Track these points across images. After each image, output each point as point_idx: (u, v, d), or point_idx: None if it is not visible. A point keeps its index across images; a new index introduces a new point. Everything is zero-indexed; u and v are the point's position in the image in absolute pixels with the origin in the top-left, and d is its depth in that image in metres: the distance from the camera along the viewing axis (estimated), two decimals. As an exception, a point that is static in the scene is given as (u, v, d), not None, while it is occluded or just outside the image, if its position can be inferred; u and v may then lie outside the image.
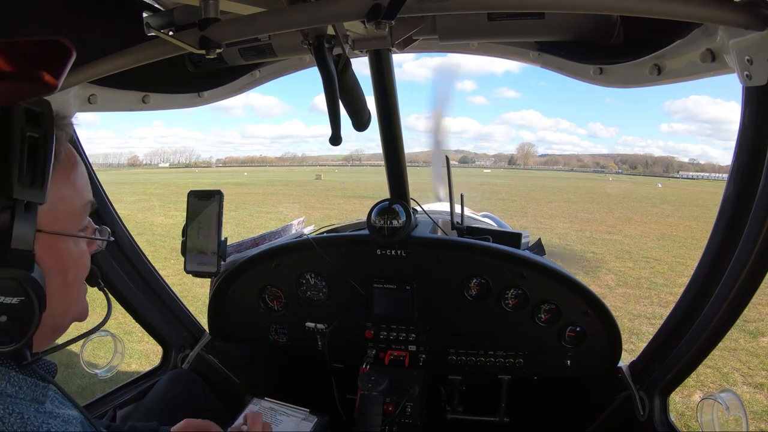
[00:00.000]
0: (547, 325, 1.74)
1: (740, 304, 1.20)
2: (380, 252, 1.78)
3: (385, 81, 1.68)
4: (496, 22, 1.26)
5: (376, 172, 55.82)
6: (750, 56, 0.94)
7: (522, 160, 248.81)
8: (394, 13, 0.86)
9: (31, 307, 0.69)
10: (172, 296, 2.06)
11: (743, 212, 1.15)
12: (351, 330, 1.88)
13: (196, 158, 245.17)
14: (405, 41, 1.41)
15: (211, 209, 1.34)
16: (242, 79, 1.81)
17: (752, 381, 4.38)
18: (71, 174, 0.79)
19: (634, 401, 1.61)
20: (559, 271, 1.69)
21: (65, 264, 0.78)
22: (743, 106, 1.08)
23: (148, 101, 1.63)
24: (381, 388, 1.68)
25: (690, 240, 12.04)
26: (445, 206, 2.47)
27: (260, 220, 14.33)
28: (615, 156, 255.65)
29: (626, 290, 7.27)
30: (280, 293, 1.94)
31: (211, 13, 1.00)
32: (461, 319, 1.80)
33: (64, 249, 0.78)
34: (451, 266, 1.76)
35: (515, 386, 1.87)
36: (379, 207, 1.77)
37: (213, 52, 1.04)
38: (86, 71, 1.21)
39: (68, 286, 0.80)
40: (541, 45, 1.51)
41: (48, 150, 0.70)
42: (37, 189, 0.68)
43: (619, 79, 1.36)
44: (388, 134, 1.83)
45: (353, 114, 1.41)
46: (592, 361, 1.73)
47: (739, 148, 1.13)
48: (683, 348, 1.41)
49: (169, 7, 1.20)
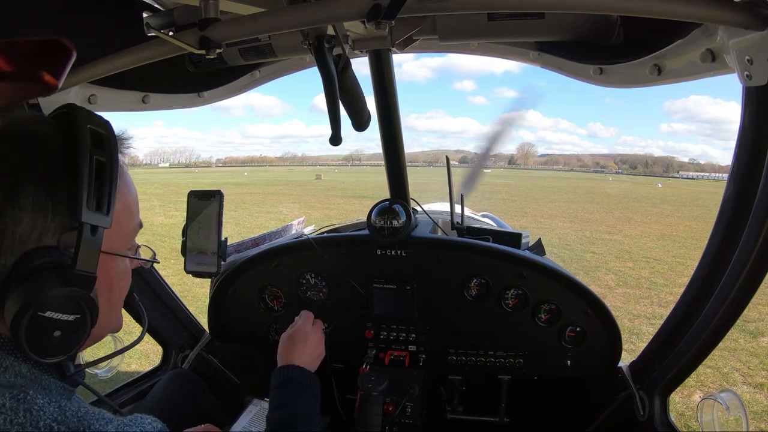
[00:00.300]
0: (547, 325, 1.74)
1: (740, 304, 1.19)
2: (380, 252, 1.78)
3: (385, 81, 1.68)
4: (496, 22, 1.26)
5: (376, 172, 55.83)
6: (750, 56, 0.94)
7: (522, 160, 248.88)
8: (394, 13, 0.86)
9: (84, 324, 0.72)
10: (172, 296, 2.06)
11: (743, 212, 1.15)
12: (351, 330, 1.88)
13: (196, 158, 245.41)
14: (405, 41, 1.41)
15: (211, 209, 1.34)
16: (242, 79, 1.81)
17: (752, 381, 4.38)
18: (126, 197, 0.81)
19: (634, 401, 1.61)
20: (559, 271, 1.69)
21: (112, 282, 0.81)
22: (743, 107, 1.08)
23: (148, 101, 1.62)
24: (381, 388, 1.68)
25: (690, 240, 12.05)
26: (445, 206, 2.47)
27: (260, 220, 14.33)
28: (615, 156, 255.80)
29: (626, 290, 7.27)
30: (280, 293, 1.94)
31: (211, 13, 1.00)
32: (461, 319, 1.80)
33: (113, 267, 0.81)
34: (451, 266, 1.76)
35: (515, 386, 1.87)
36: (379, 207, 1.77)
37: (213, 52, 1.04)
38: (86, 71, 1.21)
39: (113, 302, 0.83)
40: (541, 45, 1.50)
41: (114, 174, 0.72)
42: (103, 213, 0.71)
43: (619, 79, 1.36)
44: (388, 134, 1.83)
45: (353, 114, 1.41)
46: (592, 361, 1.73)
47: (739, 148, 1.13)
48: (683, 348, 1.40)
49: (169, 7, 1.20)
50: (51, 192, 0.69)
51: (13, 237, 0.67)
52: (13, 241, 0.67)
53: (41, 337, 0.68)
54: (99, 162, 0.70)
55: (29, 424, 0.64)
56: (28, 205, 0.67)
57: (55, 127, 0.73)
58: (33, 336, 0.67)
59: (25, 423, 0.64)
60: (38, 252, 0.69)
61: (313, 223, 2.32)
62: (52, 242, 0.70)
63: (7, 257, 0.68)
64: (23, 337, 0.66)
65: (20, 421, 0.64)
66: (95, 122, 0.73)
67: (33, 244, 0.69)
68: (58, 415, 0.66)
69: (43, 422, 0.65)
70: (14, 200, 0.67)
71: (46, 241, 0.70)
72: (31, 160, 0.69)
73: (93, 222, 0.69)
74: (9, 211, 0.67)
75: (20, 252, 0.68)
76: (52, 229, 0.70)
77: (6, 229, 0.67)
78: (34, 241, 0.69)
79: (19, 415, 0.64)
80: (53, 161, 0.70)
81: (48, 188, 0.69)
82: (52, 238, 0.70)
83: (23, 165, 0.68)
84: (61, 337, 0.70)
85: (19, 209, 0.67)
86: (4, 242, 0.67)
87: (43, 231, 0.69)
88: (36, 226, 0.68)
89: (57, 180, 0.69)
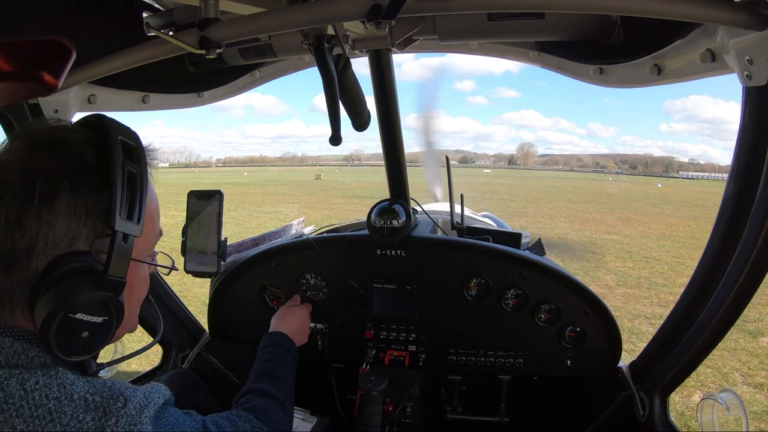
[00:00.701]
0: (547, 325, 1.74)
1: (740, 304, 1.19)
2: (380, 252, 1.78)
3: (385, 81, 1.68)
4: (496, 22, 1.26)
5: (376, 172, 55.85)
6: (750, 56, 0.94)
7: (522, 160, 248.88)
8: (394, 13, 0.86)
9: (110, 325, 0.75)
10: (172, 296, 2.06)
11: (743, 212, 1.15)
12: (351, 330, 1.88)
13: (196, 158, 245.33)
14: (405, 41, 1.41)
15: (211, 209, 1.34)
16: (242, 79, 1.81)
17: (752, 381, 4.38)
18: (150, 206, 0.84)
19: (634, 401, 1.61)
20: (559, 271, 1.69)
21: (134, 286, 0.85)
22: (743, 107, 1.08)
23: (148, 101, 1.62)
24: (381, 388, 1.68)
25: (690, 240, 12.05)
26: (445, 206, 2.47)
27: (260, 220, 14.34)
28: (615, 156, 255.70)
29: (626, 290, 7.27)
30: (280, 293, 1.94)
31: (211, 13, 1.00)
32: (461, 319, 1.80)
33: (135, 273, 0.84)
34: (451, 266, 1.76)
35: (515, 386, 1.87)
36: (379, 207, 1.77)
37: (213, 52, 1.04)
38: (86, 71, 1.21)
39: (132, 304, 0.86)
40: (541, 45, 1.50)
41: (144, 185, 0.77)
42: (134, 222, 0.75)
43: (619, 79, 1.36)
44: (388, 134, 1.83)
45: (353, 114, 1.41)
46: (592, 361, 1.73)
47: (739, 148, 1.13)
48: (683, 348, 1.40)
49: (169, 7, 1.20)
50: (85, 199, 0.72)
51: (47, 241, 0.70)
52: (46, 244, 0.70)
53: (70, 337, 0.71)
54: (131, 173, 0.74)
55: (64, 398, 0.68)
56: (62, 210, 0.70)
57: (88, 136, 0.77)
58: (62, 336, 0.70)
59: (60, 397, 0.67)
60: (70, 256, 0.71)
61: (313, 223, 2.32)
62: (84, 247, 0.73)
63: (39, 260, 0.70)
64: (53, 336, 0.69)
65: (55, 395, 0.67)
66: (126, 134, 0.77)
67: (65, 248, 0.71)
68: (89, 387, 0.71)
69: (77, 394, 0.69)
70: (50, 205, 0.69)
71: (78, 246, 0.72)
72: (67, 167, 0.72)
73: (125, 230, 0.73)
74: (44, 216, 0.69)
75: (53, 255, 0.71)
76: (84, 234, 0.73)
77: (40, 232, 0.69)
78: (66, 246, 0.71)
79: (53, 390, 0.67)
80: (87, 170, 0.73)
81: (82, 195, 0.72)
82: (84, 243, 0.73)
83: (60, 172, 0.71)
84: (89, 338, 0.73)
85: (54, 214, 0.70)
86: (37, 245, 0.70)
87: (75, 236, 0.72)
88: (69, 231, 0.71)
89: (90, 188, 0.73)
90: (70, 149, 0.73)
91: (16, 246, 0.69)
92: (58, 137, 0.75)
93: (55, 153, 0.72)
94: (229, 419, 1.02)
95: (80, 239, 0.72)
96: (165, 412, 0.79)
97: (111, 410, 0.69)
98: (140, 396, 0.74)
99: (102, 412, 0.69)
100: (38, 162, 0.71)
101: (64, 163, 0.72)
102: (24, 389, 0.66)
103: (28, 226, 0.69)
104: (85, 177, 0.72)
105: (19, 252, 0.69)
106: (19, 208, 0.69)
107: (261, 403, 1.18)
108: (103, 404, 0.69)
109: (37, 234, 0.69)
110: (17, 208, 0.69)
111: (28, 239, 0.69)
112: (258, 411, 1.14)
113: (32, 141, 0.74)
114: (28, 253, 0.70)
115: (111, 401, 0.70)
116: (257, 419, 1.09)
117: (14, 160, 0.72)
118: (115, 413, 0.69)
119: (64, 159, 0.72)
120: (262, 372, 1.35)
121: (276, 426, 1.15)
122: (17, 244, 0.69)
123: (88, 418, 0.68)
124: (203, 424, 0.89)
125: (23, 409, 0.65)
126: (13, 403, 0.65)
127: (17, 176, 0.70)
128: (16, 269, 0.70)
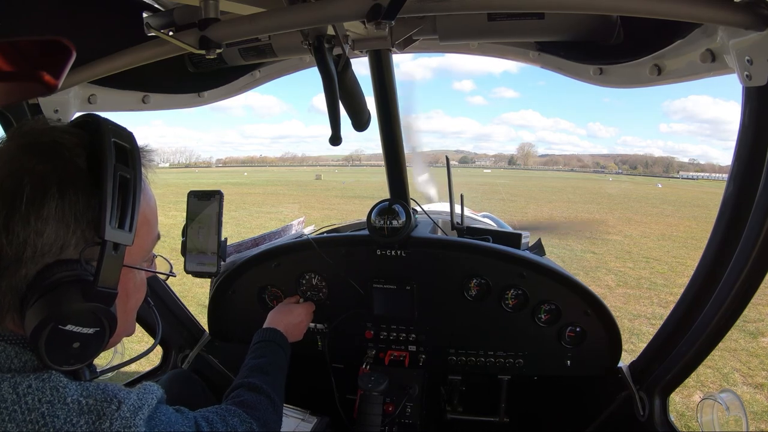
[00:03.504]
0: (547, 326, 1.74)
1: (740, 304, 1.19)
2: (380, 252, 1.78)
3: (385, 81, 1.68)
4: (496, 23, 1.26)
5: (376, 172, 55.81)
6: (750, 56, 0.94)
7: (522, 161, 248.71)
8: (394, 13, 0.87)
9: (103, 336, 0.73)
10: (171, 296, 2.06)
11: (743, 212, 1.15)
12: (351, 330, 1.88)
13: (196, 158, 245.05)
14: (405, 41, 1.42)
15: (211, 209, 1.34)
16: (242, 79, 1.81)
17: (752, 381, 4.38)
18: (146, 210, 0.81)
19: (634, 401, 1.61)
20: (559, 271, 1.69)
21: (129, 293, 0.83)
22: (743, 107, 1.08)
23: (148, 101, 1.62)
24: (381, 388, 1.68)
25: (690, 240, 12.04)
26: (444, 206, 2.47)
27: (260, 220, 14.33)
28: (615, 156, 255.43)
29: (626, 290, 7.26)
30: (280, 293, 1.94)
31: (211, 13, 1.00)
32: (461, 320, 1.80)
33: (130, 279, 0.82)
34: (451, 266, 1.76)
35: (515, 386, 1.87)
36: (379, 207, 1.77)
37: (213, 52, 1.04)
38: (86, 71, 1.21)
39: (128, 311, 0.85)
40: (541, 45, 1.50)
41: (137, 191, 0.73)
42: (126, 230, 0.71)
43: (619, 79, 1.36)
44: (388, 134, 1.83)
45: (353, 114, 1.41)
46: (592, 361, 1.73)
47: (739, 148, 1.13)
48: (683, 348, 1.40)
49: (169, 7, 1.20)
50: (74, 206, 0.69)
51: (35, 248, 0.68)
52: (35, 252, 0.68)
53: (60, 348, 0.69)
54: (123, 178, 0.71)
55: (57, 401, 0.67)
56: (50, 217, 0.68)
57: (81, 138, 0.74)
58: (52, 347, 0.68)
59: (53, 400, 0.66)
60: (59, 265, 0.69)
61: (313, 224, 2.32)
62: (73, 255, 0.70)
63: (28, 268, 0.69)
64: (43, 347, 0.67)
65: (48, 399, 0.66)
66: (120, 136, 0.74)
67: (54, 256, 0.69)
68: (83, 390, 0.70)
69: (70, 398, 0.68)
70: (38, 212, 0.67)
71: (68, 254, 0.70)
72: (57, 172, 0.69)
73: (116, 240, 0.70)
74: (32, 222, 0.67)
75: (42, 263, 0.69)
76: (74, 242, 0.70)
77: (28, 239, 0.67)
78: (56, 254, 0.69)
79: (46, 393, 0.67)
80: (78, 175, 0.70)
81: (71, 202, 0.69)
82: (74, 251, 0.70)
83: (49, 177, 0.68)
84: (80, 348, 0.71)
85: (42, 221, 0.67)
86: (25, 252, 0.68)
87: (65, 244, 0.70)
88: (57, 238, 0.69)
89: (80, 194, 0.70)
90: (62, 153, 0.70)
91: (4, 253, 0.67)
92: (50, 140, 0.72)
93: (46, 157, 0.70)
94: (219, 414, 1.01)
95: (70, 247, 0.70)
96: (157, 411, 0.78)
97: (105, 413, 0.68)
98: (134, 398, 0.73)
99: (96, 416, 0.68)
100: (28, 166, 0.68)
101: (55, 167, 0.69)
102: (16, 393, 0.65)
103: (16, 233, 0.67)
104: (74, 182, 0.70)
105: (7, 259, 0.68)
106: (7, 213, 0.67)
107: (251, 397, 1.18)
108: (97, 407, 0.68)
109: (25, 241, 0.67)
110: (5, 213, 0.67)
111: (16, 246, 0.67)
112: (247, 406, 1.14)
113: (24, 143, 0.71)
114: (16, 260, 0.68)
115: (105, 404, 0.69)
116: (246, 414, 1.09)
117: (3, 163, 0.69)
118: (110, 416, 0.68)
119: (55, 163, 0.69)
120: (253, 367, 1.35)
121: (265, 420, 1.14)
122: (5, 250, 0.67)
123: (82, 421, 0.67)
124: (195, 421, 0.89)
125: (16, 413, 0.64)
126: (5, 407, 0.64)
127: (6, 180, 0.68)
128: (5, 276, 0.69)
